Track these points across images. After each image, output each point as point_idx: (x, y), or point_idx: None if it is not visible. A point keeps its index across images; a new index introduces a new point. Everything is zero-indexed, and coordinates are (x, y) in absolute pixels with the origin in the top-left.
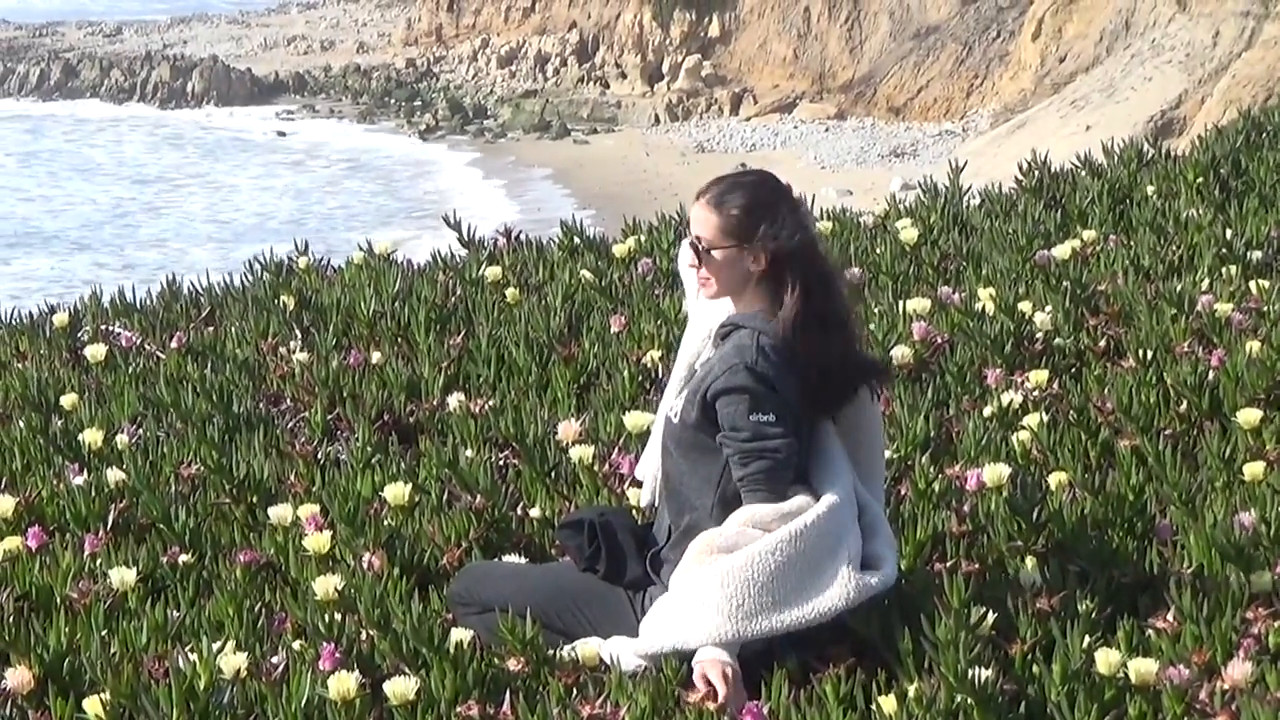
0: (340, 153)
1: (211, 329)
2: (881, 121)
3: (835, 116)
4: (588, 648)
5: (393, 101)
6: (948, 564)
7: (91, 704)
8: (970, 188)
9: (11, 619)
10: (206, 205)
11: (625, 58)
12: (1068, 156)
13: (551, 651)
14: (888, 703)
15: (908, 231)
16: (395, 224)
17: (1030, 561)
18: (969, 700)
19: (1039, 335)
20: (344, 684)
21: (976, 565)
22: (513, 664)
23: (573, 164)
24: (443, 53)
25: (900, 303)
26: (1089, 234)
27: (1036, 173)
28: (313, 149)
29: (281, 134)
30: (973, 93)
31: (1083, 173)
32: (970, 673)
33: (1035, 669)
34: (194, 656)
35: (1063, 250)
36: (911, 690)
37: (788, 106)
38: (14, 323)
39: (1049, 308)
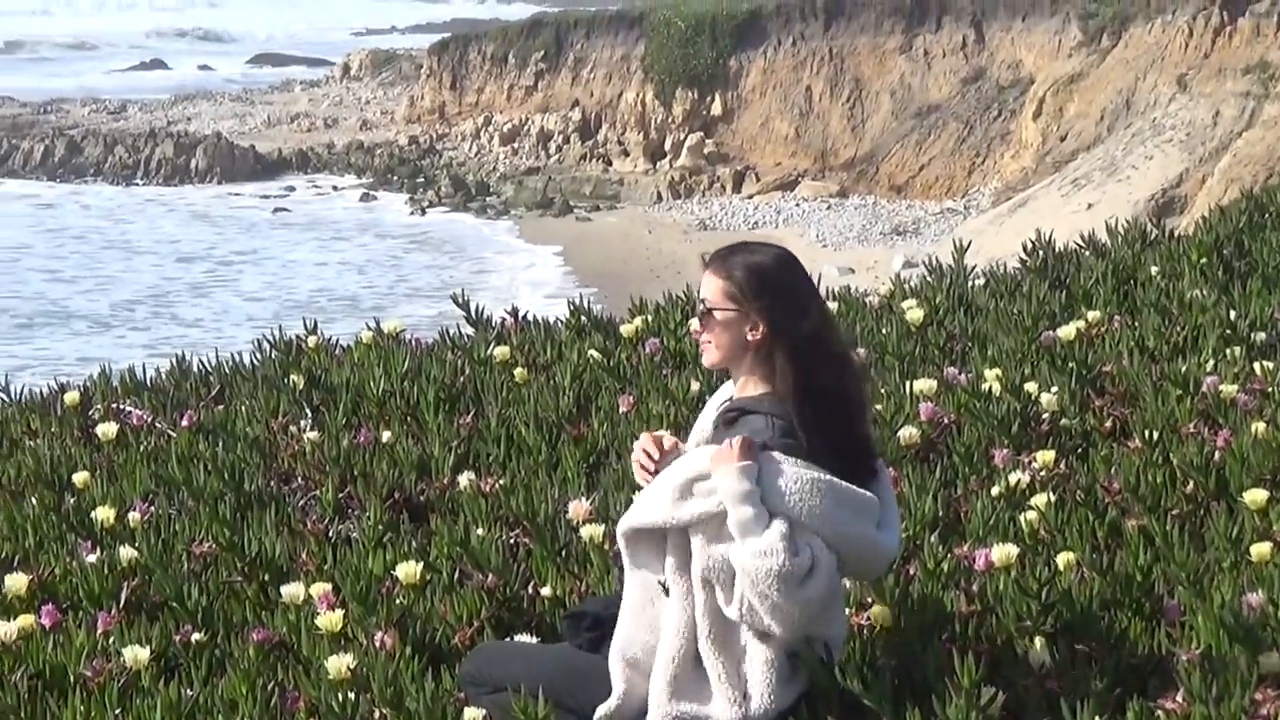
0: (362, 228)
1: (221, 407)
2: (883, 199)
3: (837, 194)
4: None
5: (395, 178)
6: (957, 644)
7: None
8: (975, 267)
9: (26, 698)
10: (231, 283)
11: (628, 135)
12: (1070, 235)
13: None
14: None
15: (913, 312)
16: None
17: (1039, 642)
18: None
19: (1045, 416)
20: None
21: (985, 645)
22: None
23: (575, 241)
24: (446, 130)
25: (907, 383)
26: (1094, 314)
27: (1041, 252)
28: (332, 225)
29: (284, 210)
30: (974, 171)
31: (1087, 253)
32: None
33: None
34: None
35: (1068, 331)
36: None
37: (790, 184)
38: (25, 400)
39: (1055, 388)
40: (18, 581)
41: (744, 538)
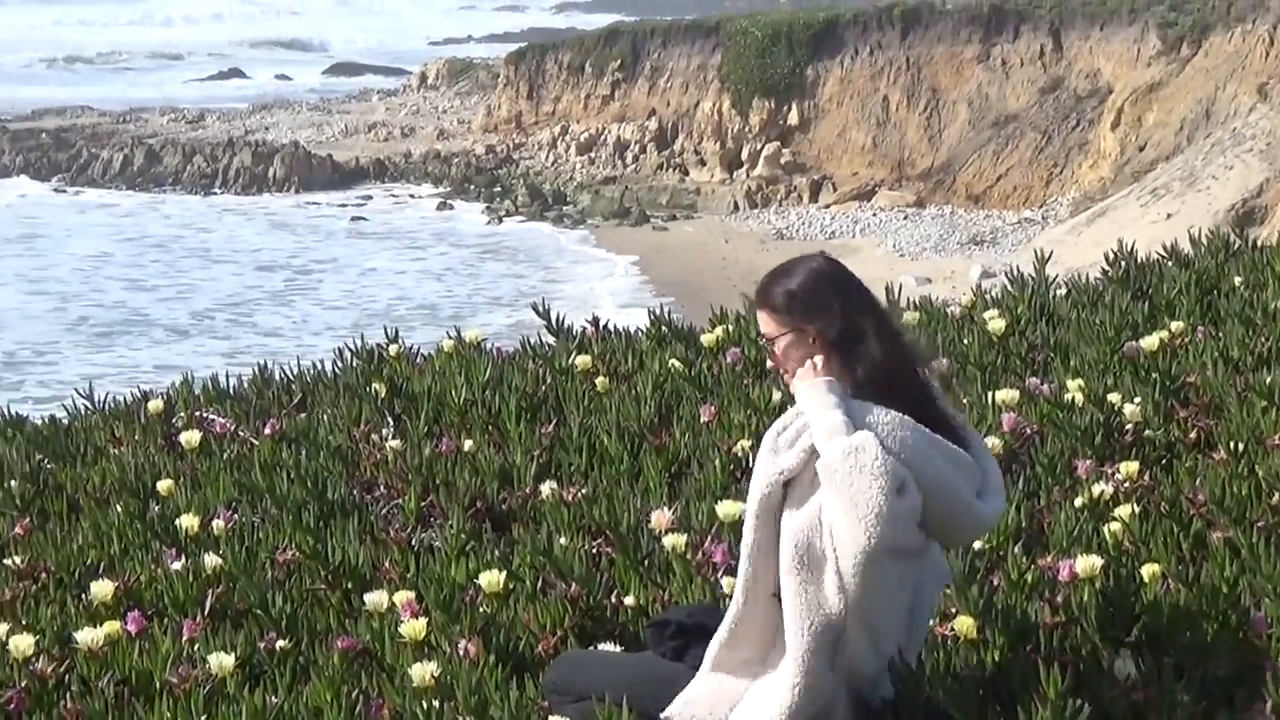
0: (445, 236)
1: (303, 416)
2: (960, 209)
3: (914, 204)
4: None
5: (472, 187)
6: (1041, 655)
7: None
8: (1056, 277)
9: (113, 703)
10: (309, 291)
11: (704, 145)
12: (1148, 245)
13: None
14: None
15: (995, 322)
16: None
17: (1124, 653)
18: None
19: (1129, 427)
20: None
21: (1070, 657)
22: None
23: (652, 250)
24: (522, 139)
25: (989, 394)
26: (1177, 325)
27: (1123, 263)
28: (409, 234)
29: (362, 219)
30: (1052, 181)
31: (1169, 263)
32: None
33: None
34: None
35: (1151, 341)
36: None
37: (867, 194)
38: (109, 409)
39: (1138, 399)
40: (104, 588)
41: (832, 438)
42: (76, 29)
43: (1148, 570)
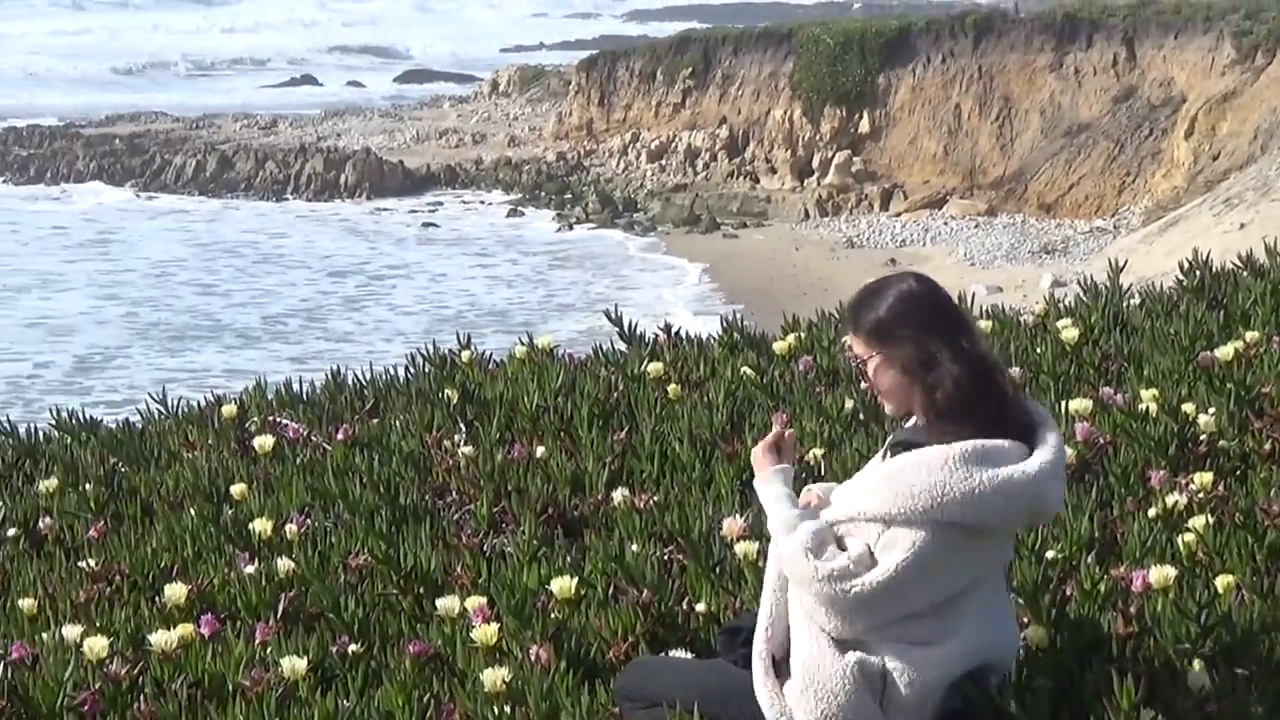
0: (512, 242)
1: (376, 421)
2: (1032, 218)
3: (985, 213)
4: None
5: (543, 194)
6: (1114, 665)
7: None
8: (1130, 286)
9: (186, 705)
10: (381, 297)
11: (775, 153)
12: (1221, 254)
13: None
14: None
15: (1068, 331)
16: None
17: (1198, 664)
18: None
19: (1203, 437)
20: None
21: (1143, 667)
22: None
23: (722, 258)
24: (593, 146)
25: (1062, 403)
26: (1252, 335)
27: (1198, 273)
28: (480, 240)
29: (433, 225)
30: (1124, 190)
31: (1244, 273)
32: None
33: None
34: None
35: (1225, 351)
36: None
37: (938, 202)
38: (181, 413)
39: (1212, 410)
40: (177, 591)
41: (785, 533)
42: (161, 35)
43: (1222, 581)
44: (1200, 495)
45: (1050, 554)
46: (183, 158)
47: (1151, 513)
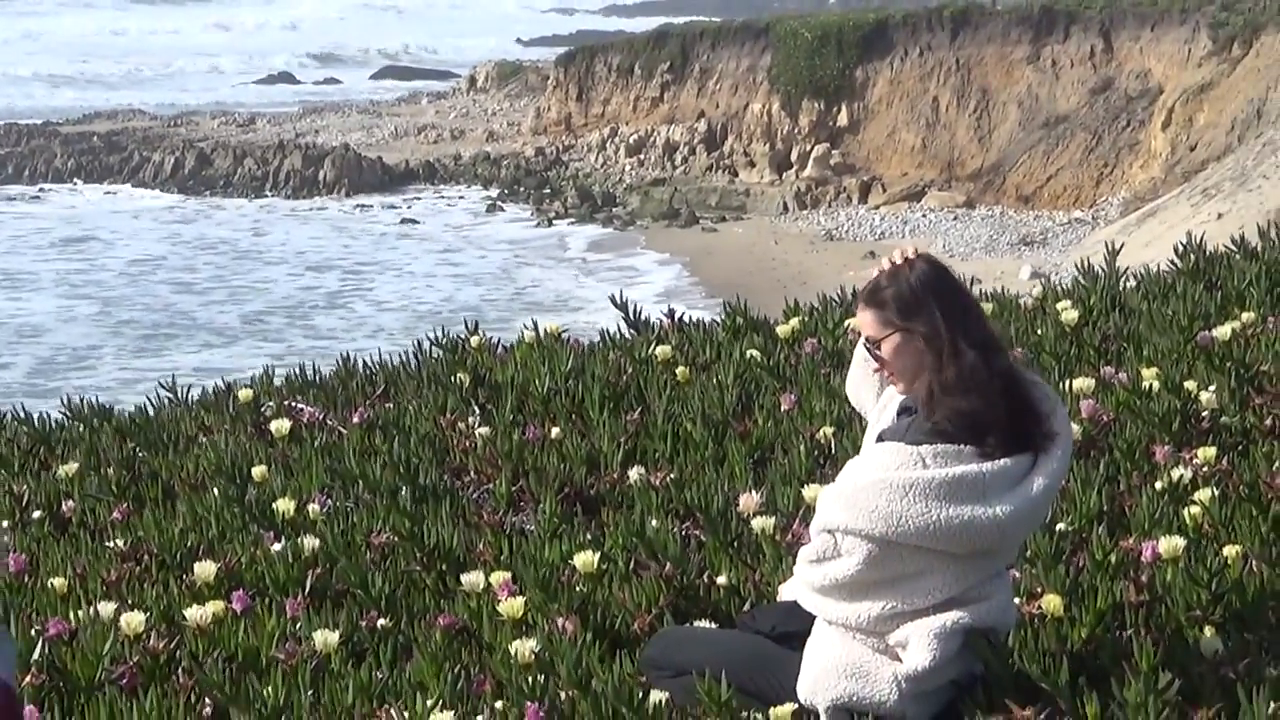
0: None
1: (388, 405)
2: (1011, 210)
3: (964, 205)
4: (782, 710)
5: (522, 189)
6: (1128, 632)
7: None
8: (1126, 270)
9: (230, 675)
10: (363, 293)
11: (754, 146)
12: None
13: (745, 714)
14: None
15: (1068, 313)
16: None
17: (1209, 630)
18: None
19: (1205, 414)
20: None
21: (1156, 634)
22: None
23: (701, 252)
24: (571, 141)
25: (1065, 382)
26: (1248, 316)
27: (1192, 256)
28: (459, 236)
29: (412, 221)
30: (1102, 181)
31: (1236, 256)
32: None
33: None
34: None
35: (1223, 331)
36: None
37: (916, 195)
38: (198, 399)
39: (1213, 387)
40: (206, 569)
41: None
42: (150, 37)
43: (1230, 551)
44: (1204, 469)
45: (1060, 526)
46: (161, 155)
47: (1158, 486)
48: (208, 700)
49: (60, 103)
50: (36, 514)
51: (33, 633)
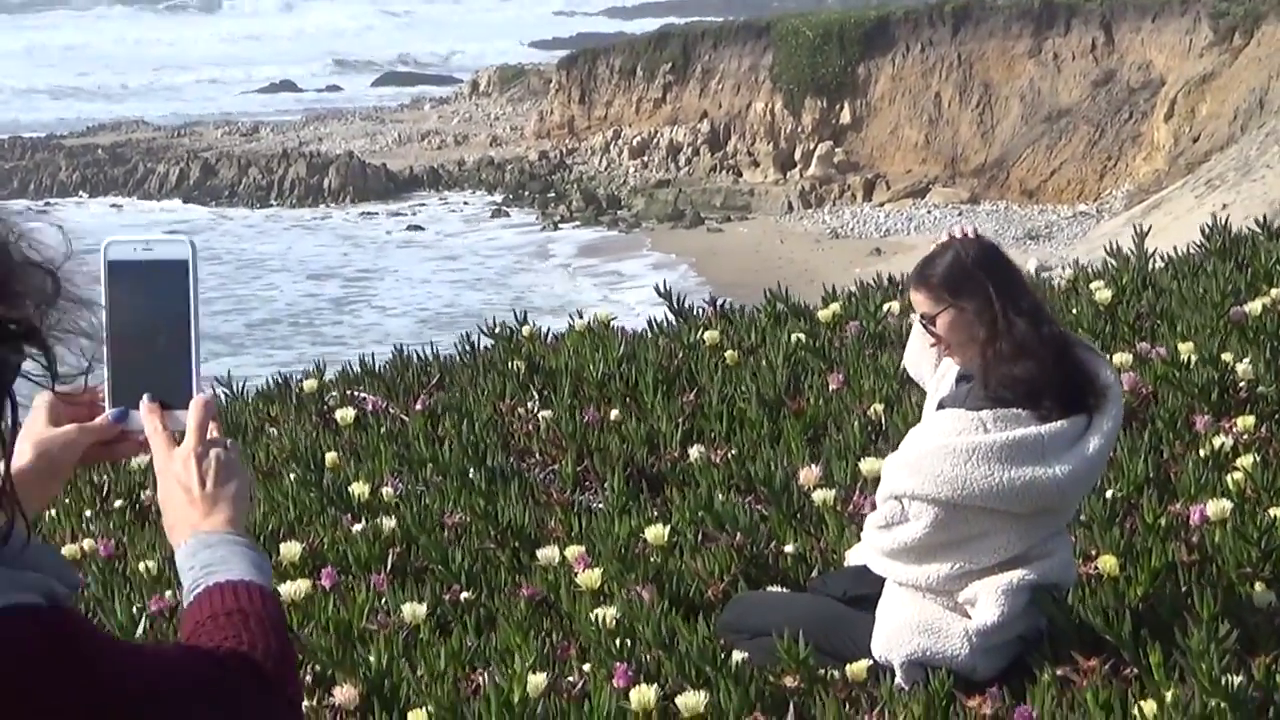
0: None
1: (444, 394)
2: (1015, 204)
3: (968, 200)
4: (858, 665)
5: (526, 193)
6: (1183, 588)
7: (416, 716)
8: (1155, 250)
9: (336, 643)
10: (369, 299)
11: (757, 146)
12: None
13: (823, 670)
14: (1149, 707)
15: (1102, 292)
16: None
17: (1260, 585)
18: (1222, 704)
19: (1242, 384)
20: (644, 696)
21: (1209, 590)
22: (789, 681)
23: (707, 252)
24: (575, 144)
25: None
26: (1277, 291)
27: (1219, 236)
28: (465, 241)
29: (418, 227)
30: (1106, 174)
31: (1261, 236)
32: (1223, 679)
33: (1279, 678)
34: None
35: (1254, 306)
36: (1169, 696)
37: (920, 191)
38: (262, 390)
39: (1248, 359)
40: (292, 549)
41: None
42: (152, 48)
43: (1275, 511)
44: (1244, 437)
45: (1110, 493)
46: (166, 166)
47: (1201, 453)
48: (313, 667)
49: (63, 115)
50: (118, 503)
51: (135, 610)
